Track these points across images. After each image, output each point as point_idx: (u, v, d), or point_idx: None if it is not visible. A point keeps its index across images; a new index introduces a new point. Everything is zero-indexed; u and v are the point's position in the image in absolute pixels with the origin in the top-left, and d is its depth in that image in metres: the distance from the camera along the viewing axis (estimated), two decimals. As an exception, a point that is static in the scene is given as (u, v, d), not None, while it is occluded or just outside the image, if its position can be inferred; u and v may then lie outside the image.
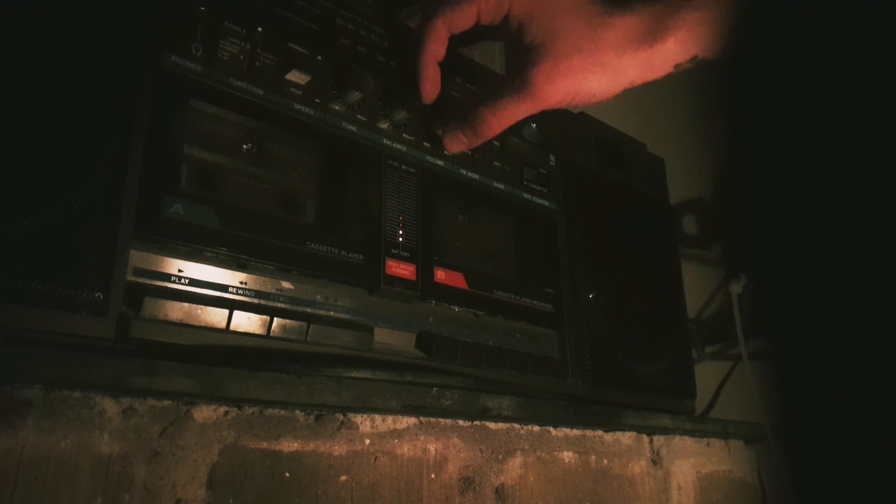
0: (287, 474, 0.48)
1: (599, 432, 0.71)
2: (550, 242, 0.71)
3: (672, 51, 0.55)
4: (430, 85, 0.60)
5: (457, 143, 0.62)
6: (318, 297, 0.52)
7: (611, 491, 0.69)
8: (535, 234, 0.69)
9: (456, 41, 0.60)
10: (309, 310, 0.51)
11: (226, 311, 0.46)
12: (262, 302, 0.49)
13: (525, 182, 0.70)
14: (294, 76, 0.54)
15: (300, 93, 0.55)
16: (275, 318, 0.48)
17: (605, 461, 0.70)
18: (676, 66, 0.56)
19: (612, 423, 0.68)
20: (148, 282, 0.44)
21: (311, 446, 0.50)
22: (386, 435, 0.54)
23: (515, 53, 0.59)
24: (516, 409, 0.58)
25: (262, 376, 0.45)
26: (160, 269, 0.45)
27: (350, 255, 0.54)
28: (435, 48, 0.58)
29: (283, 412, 0.49)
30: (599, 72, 0.56)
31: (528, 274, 0.67)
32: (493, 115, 0.58)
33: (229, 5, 0.52)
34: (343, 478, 0.51)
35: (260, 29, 0.52)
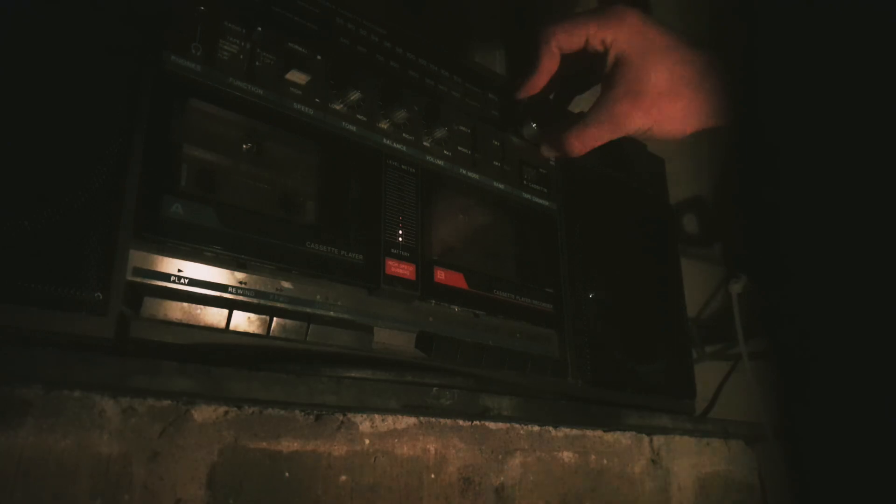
0: (287, 474, 0.48)
1: (599, 432, 0.71)
2: (550, 242, 0.70)
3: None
4: (528, 92, 0.68)
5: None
6: (318, 296, 0.52)
7: (611, 491, 0.69)
8: (535, 234, 0.69)
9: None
10: (308, 309, 0.51)
11: (225, 311, 0.46)
12: (262, 302, 0.49)
13: (525, 182, 0.70)
14: (294, 76, 0.54)
15: (300, 93, 0.55)
16: (274, 318, 0.48)
17: (605, 461, 0.70)
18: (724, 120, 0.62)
19: (611, 423, 0.68)
20: (148, 282, 0.44)
21: (310, 446, 0.50)
22: (386, 435, 0.54)
23: (605, 81, 0.64)
24: (516, 409, 0.58)
25: (262, 376, 0.45)
26: (160, 269, 0.45)
27: (350, 254, 0.54)
28: (549, 64, 0.65)
29: (282, 412, 0.49)
30: (675, 115, 0.62)
31: (528, 274, 0.67)
32: (579, 140, 0.65)
33: (229, 5, 0.52)
34: (343, 478, 0.51)
35: (260, 29, 0.52)
